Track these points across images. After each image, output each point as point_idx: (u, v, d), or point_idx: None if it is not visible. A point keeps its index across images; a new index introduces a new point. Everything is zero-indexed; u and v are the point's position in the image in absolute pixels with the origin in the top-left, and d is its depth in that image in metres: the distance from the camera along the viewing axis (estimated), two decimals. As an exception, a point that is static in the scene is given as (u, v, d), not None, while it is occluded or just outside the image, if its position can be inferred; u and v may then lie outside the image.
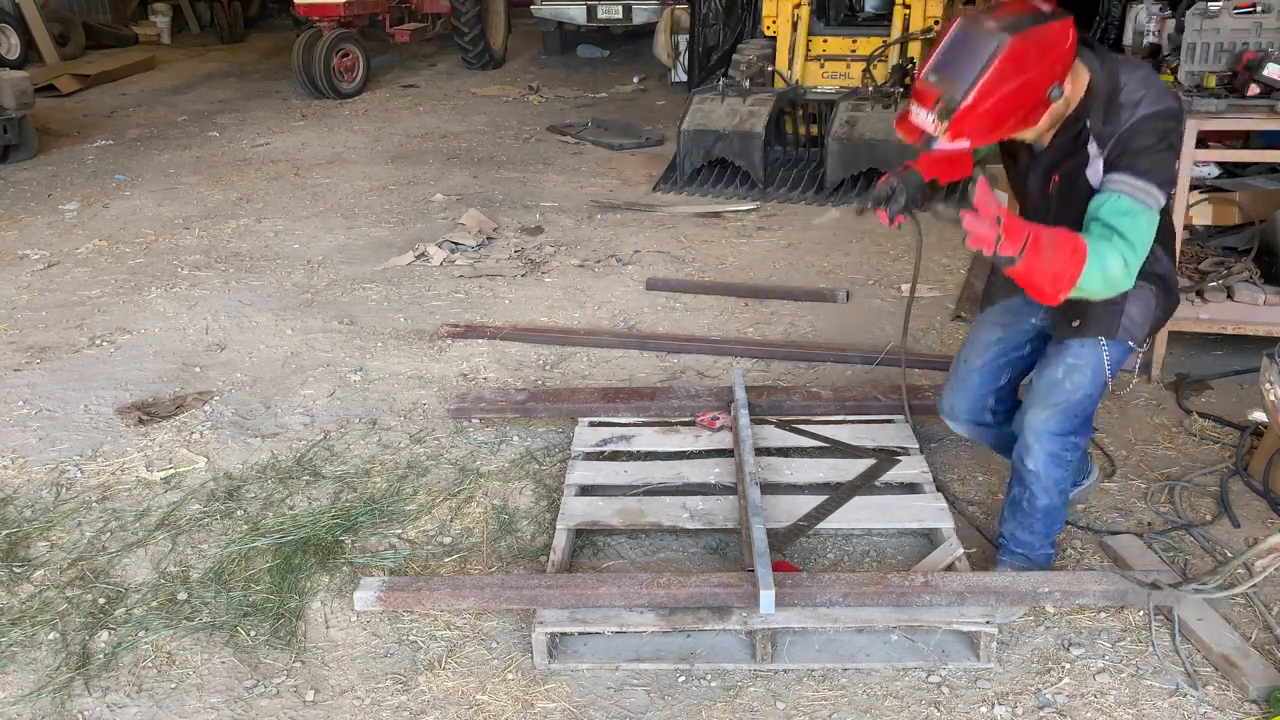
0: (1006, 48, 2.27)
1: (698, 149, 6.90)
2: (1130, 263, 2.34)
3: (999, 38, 2.28)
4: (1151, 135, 2.38)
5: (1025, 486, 2.80)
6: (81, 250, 6.04)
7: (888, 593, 2.68)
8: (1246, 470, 3.43)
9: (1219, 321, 4.00)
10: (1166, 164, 2.39)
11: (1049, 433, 2.70)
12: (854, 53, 7.34)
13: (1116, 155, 2.41)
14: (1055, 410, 2.69)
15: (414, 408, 4.07)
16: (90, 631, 2.86)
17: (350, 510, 3.37)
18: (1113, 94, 2.42)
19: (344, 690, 2.66)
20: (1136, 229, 2.34)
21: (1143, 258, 2.37)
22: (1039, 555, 2.87)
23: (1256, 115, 3.70)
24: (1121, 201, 2.36)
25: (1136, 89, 2.42)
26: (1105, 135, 2.43)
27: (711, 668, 2.66)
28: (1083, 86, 2.46)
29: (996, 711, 2.51)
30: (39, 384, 4.34)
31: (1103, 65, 2.45)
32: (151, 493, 3.53)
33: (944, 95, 2.32)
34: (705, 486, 3.32)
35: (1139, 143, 2.38)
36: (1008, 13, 2.33)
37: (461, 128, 9.24)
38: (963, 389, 3.04)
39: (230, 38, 14.72)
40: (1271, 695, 2.47)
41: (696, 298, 5.14)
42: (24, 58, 11.49)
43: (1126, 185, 2.37)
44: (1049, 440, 2.71)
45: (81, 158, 8.34)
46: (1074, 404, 2.69)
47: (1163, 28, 4.89)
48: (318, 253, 5.93)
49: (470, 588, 2.79)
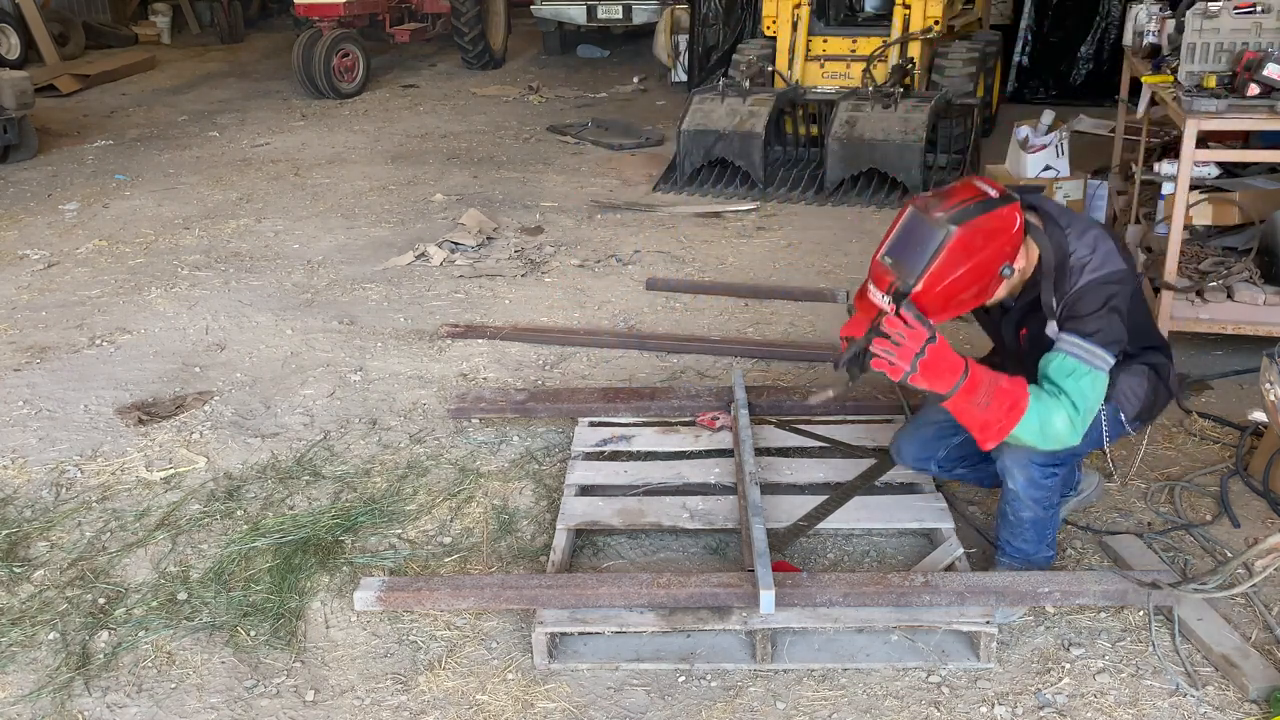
0: (953, 238, 2.40)
1: (698, 149, 6.90)
2: (1075, 420, 2.46)
3: (945, 229, 2.41)
4: (1097, 299, 2.50)
5: (1008, 502, 2.80)
6: (81, 250, 6.04)
7: (888, 593, 2.68)
8: (1246, 470, 3.43)
9: (1219, 321, 4.00)
10: (1112, 325, 2.50)
11: (1029, 460, 2.67)
12: (854, 53, 7.34)
13: (1065, 317, 2.55)
14: None
15: (414, 408, 4.07)
16: (90, 631, 2.86)
17: (350, 510, 3.37)
18: (1062, 262, 2.55)
19: (344, 690, 2.66)
20: (1080, 389, 2.45)
21: (1089, 415, 2.48)
22: (1038, 559, 2.87)
23: (1256, 115, 3.70)
24: (1067, 362, 2.48)
25: (1085, 254, 2.54)
26: (1057, 299, 2.56)
27: (711, 668, 2.66)
28: (1034, 259, 2.59)
29: (996, 711, 2.51)
30: (39, 384, 4.34)
31: (1052, 238, 2.56)
32: (151, 493, 3.53)
33: (897, 279, 2.46)
34: (705, 486, 3.32)
35: (1085, 306, 2.51)
36: (956, 201, 2.46)
37: (461, 128, 9.24)
38: (916, 438, 3.09)
39: (230, 38, 14.71)
40: (1271, 695, 2.47)
41: (696, 298, 5.14)
42: (24, 58, 11.48)
43: (1073, 346, 2.49)
44: (1028, 466, 2.69)
45: (81, 158, 8.34)
46: None
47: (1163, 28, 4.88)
48: (318, 253, 5.93)
49: (470, 588, 2.79)
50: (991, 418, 2.48)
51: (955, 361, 2.48)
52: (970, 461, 3.05)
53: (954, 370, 2.46)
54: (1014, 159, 5.84)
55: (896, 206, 6.46)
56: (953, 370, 2.46)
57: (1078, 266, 2.53)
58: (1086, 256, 2.54)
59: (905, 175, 6.45)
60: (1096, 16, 9.23)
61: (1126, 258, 2.61)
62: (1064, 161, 5.77)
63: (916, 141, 6.38)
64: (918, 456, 3.10)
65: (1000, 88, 8.93)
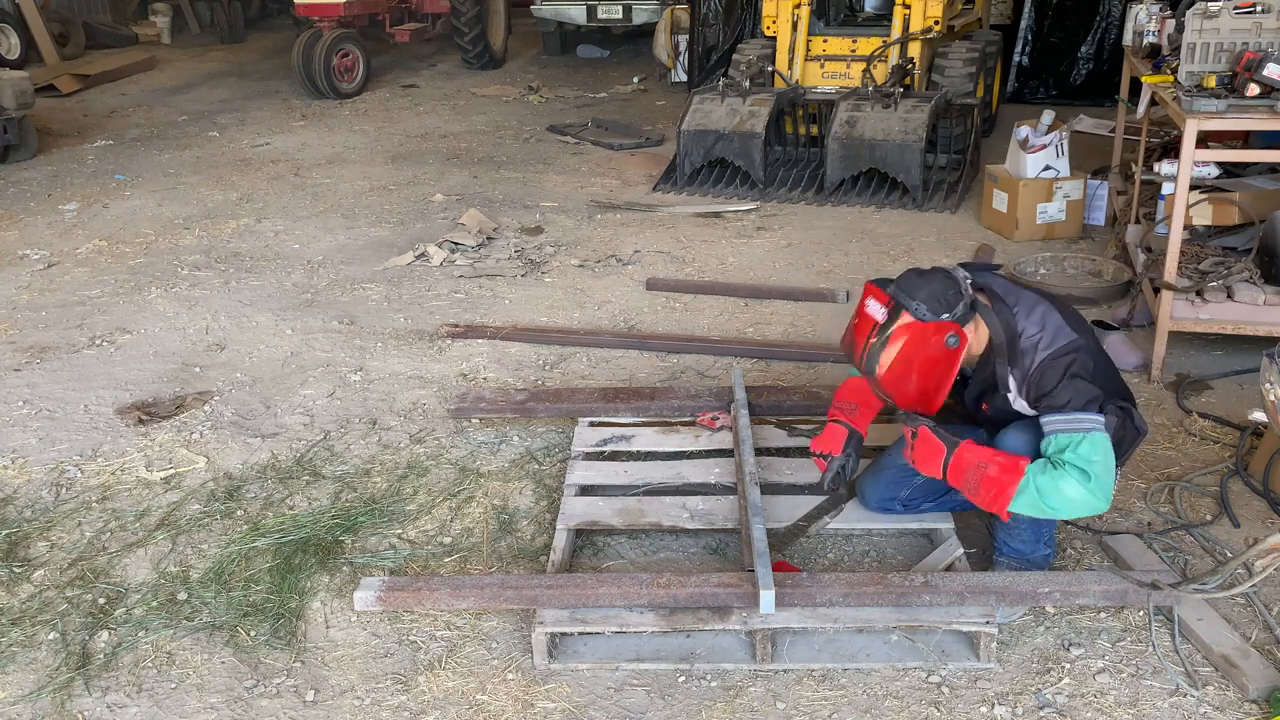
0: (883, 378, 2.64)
1: (698, 149, 6.90)
2: (1090, 486, 2.49)
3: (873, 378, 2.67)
4: (1056, 373, 2.59)
5: None
6: (81, 250, 6.04)
7: (888, 593, 2.68)
8: (1246, 470, 3.43)
9: (1219, 321, 4.00)
10: (1081, 388, 2.57)
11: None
12: (854, 53, 7.34)
13: (1036, 399, 2.64)
14: (1034, 437, 2.69)
15: (414, 408, 4.07)
16: (90, 631, 2.86)
17: (350, 510, 3.37)
18: (1012, 340, 2.65)
19: (344, 690, 2.66)
20: (1082, 456, 2.51)
21: (1106, 474, 2.51)
22: (1036, 558, 2.87)
23: (1256, 115, 3.69)
24: (1059, 439, 2.55)
25: (1034, 332, 2.64)
26: (1017, 377, 2.66)
27: (711, 668, 2.66)
28: (984, 338, 2.70)
29: (996, 711, 2.51)
30: (39, 384, 4.34)
31: (1000, 317, 2.66)
32: (151, 493, 3.53)
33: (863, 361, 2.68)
34: (705, 486, 3.32)
35: (1048, 382, 2.59)
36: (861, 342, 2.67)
37: (461, 128, 9.24)
38: (880, 480, 3.08)
39: (230, 38, 14.71)
40: (1271, 695, 2.47)
41: (696, 298, 5.14)
42: (24, 58, 11.47)
43: (1056, 424, 2.56)
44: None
45: (81, 158, 8.35)
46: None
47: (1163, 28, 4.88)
48: (318, 253, 5.93)
49: (470, 588, 2.79)
50: (981, 501, 2.65)
51: (938, 448, 2.67)
52: (935, 496, 3.04)
53: (938, 454, 2.67)
54: (1014, 159, 5.84)
55: (896, 207, 6.47)
56: (937, 454, 2.67)
57: (1030, 346, 2.63)
58: (1036, 334, 2.63)
59: (905, 175, 6.45)
60: (1096, 16, 9.23)
61: (1077, 325, 2.68)
62: (1064, 161, 5.78)
63: (916, 141, 6.38)
64: (882, 498, 3.08)
65: (1000, 88, 8.93)
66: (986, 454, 2.64)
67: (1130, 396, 2.83)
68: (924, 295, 2.59)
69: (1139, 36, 5.28)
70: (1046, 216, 5.78)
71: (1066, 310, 2.73)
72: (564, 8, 12.07)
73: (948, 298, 2.60)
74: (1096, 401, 2.56)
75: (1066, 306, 2.77)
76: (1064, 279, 5.20)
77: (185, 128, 9.45)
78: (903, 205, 6.49)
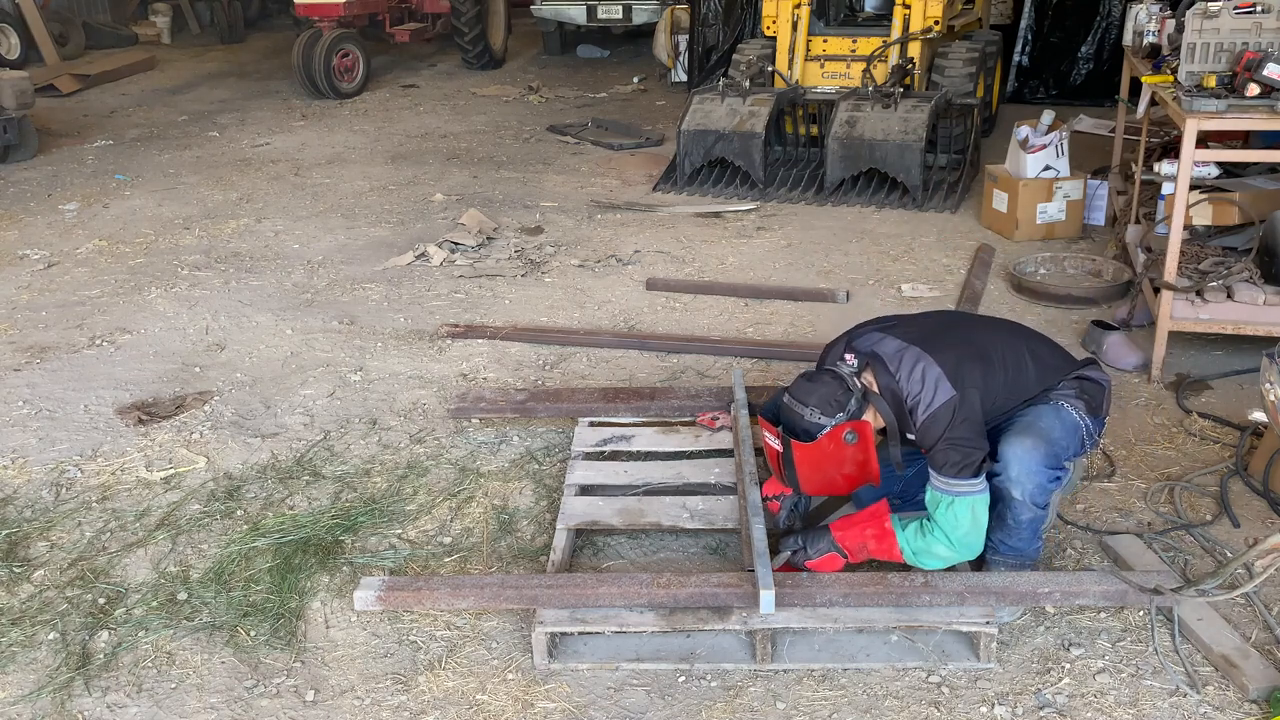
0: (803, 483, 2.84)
1: (698, 149, 6.90)
2: (955, 544, 2.69)
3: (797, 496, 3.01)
4: (935, 433, 2.69)
5: (1008, 508, 2.79)
6: (81, 250, 6.04)
7: (888, 593, 2.68)
8: (1246, 470, 3.43)
9: (1219, 321, 4.00)
10: (952, 454, 2.67)
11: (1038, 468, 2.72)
12: (854, 53, 7.34)
13: (927, 452, 2.76)
14: (1039, 439, 2.71)
15: (414, 408, 4.07)
16: (90, 631, 2.86)
17: (350, 510, 3.37)
18: (900, 411, 2.76)
19: (344, 690, 2.66)
20: (946, 519, 2.69)
21: (971, 534, 2.69)
22: (1030, 552, 2.87)
23: (1256, 115, 3.69)
24: (933, 495, 2.72)
25: (916, 391, 2.73)
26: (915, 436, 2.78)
27: (711, 668, 2.66)
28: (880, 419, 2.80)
29: (996, 711, 2.51)
30: (39, 384, 4.34)
31: (887, 392, 2.76)
32: (151, 493, 3.53)
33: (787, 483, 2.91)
34: (705, 486, 3.32)
35: (928, 441, 2.72)
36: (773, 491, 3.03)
37: (461, 128, 9.24)
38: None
39: (230, 38, 14.72)
40: (1271, 695, 2.47)
41: (696, 298, 5.14)
42: (24, 58, 11.48)
43: (935, 481, 2.72)
44: (1036, 474, 2.72)
45: (81, 158, 8.35)
46: (1054, 440, 2.75)
47: (1163, 28, 4.88)
48: (318, 253, 5.93)
49: (470, 588, 2.79)
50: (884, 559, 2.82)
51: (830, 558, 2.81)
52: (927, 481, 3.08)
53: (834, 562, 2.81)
54: (1014, 159, 5.84)
55: (896, 207, 6.47)
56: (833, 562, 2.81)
57: (913, 407, 2.73)
58: (918, 394, 2.72)
59: (905, 175, 6.45)
60: (1096, 16, 9.23)
61: (957, 374, 2.70)
62: (1064, 161, 5.78)
63: (916, 141, 6.38)
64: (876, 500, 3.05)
65: (1000, 88, 8.93)
66: (856, 532, 2.82)
67: (1075, 363, 2.92)
68: (814, 401, 2.73)
69: (1139, 36, 5.28)
70: (1046, 216, 5.78)
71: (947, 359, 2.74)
72: (564, 8, 12.08)
73: (837, 399, 2.72)
74: (971, 468, 2.66)
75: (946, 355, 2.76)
76: (1064, 279, 5.20)
77: (185, 128, 9.45)
78: (903, 205, 6.49)
